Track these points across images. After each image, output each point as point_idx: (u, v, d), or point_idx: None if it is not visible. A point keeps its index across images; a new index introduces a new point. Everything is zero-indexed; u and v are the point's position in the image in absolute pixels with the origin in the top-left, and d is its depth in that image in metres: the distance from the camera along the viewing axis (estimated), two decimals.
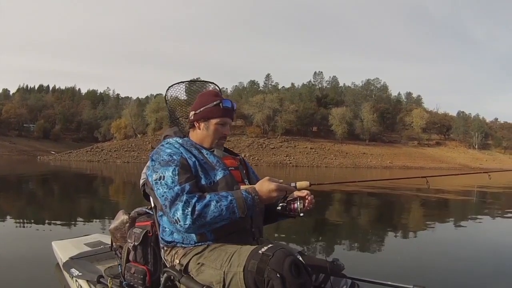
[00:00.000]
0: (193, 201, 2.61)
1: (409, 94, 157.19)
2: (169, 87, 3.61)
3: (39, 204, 14.72)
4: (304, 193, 2.96)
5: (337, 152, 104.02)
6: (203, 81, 3.51)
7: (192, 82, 3.62)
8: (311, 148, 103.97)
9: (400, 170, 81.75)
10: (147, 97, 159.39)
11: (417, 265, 7.00)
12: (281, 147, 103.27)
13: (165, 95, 3.60)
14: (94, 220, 11.13)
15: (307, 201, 2.96)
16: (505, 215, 14.35)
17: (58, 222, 10.43)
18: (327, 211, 14.30)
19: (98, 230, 8.45)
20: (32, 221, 10.47)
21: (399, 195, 21.32)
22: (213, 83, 3.49)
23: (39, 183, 26.54)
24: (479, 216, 13.81)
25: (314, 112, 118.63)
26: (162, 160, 2.86)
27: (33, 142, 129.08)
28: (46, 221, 10.50)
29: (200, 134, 3.15)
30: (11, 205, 13.99)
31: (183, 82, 3.62)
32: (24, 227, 9.65)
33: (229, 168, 3.03)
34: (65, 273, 4.61)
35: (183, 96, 3.67)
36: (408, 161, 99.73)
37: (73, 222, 10.52)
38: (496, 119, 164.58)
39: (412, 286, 2.85)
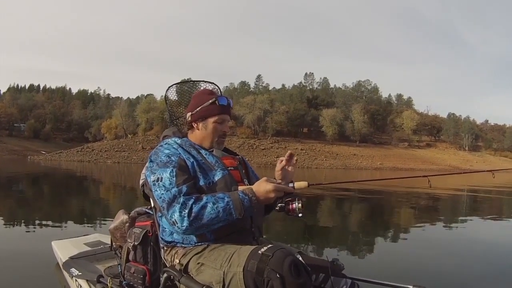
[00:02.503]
0: (190, 203, 2.60)
1: (399, 96, 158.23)
2: (169, 87, 3.59)
3: (36, 204, 14.72)
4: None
5: (328, 153, 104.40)
6: (203, 81, 3.48)
7: (191, 82, 3.59)
8: (301, 149, 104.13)
9: (390, 171, 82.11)
10: (137, 97, 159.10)
11: (417, 265, 7.03)
12: (271, 148, 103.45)
13: (165, 95, 3.58)
14: (93, 220, 11.09)
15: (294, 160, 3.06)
16: (502, 216, 14.49)
17: (57, 222, 10.44)
18: (324, 212, 14.38)
19: (97, 229, 8.45)
20: (31, 221, 10.45)
21: (394, 195, 21.44)
22: (212, 83, 3.45)
23: (33, 183, 26.51)
24: (477, 216, 13.94)
25: (305, 113, 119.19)
26: (160, 161, 2.86)
27: (24, 141, 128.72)
28: (45, 221, 10.50)
29: (199, 134, 3.13)
30: (9, 205, 13.96)
31: (183, 82, 3.60)
32: (23, 227, 9.64)
33: (228, 168, 3.01)
34: (65, 272, 4.61)
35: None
36: (399, 163, 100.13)
37: (72, 222, 10.50)
38: (487, 121, 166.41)
39: (412, 286, 2.84)
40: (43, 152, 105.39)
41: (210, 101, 3.07)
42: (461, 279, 6.22)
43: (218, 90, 3.42)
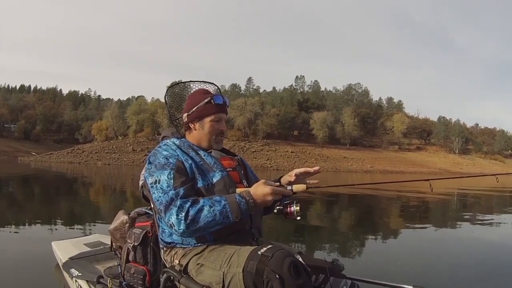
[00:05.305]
0: (187, 206, 2.61)
1: (390, 99, 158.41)
2: (169, 87, 3.58)
3: (35, 205, 14.78)
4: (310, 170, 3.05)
5: (318, 156, 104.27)
6: (203, 81, 3.45)
7: (190, 82, 3.57)
8: (292, 152, 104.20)
9: (381, 174, 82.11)
10: (128, 99, 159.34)
11: (417, 266, 7.07)
12: (262, 151, 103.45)
13: (165, 95, 3.57)
14: (93, 220, 11.07)
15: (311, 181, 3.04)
16: (500, 217, 14.71)
17: (57, 223, 10.51)
18: (321, 214, 14.45)
19: (97, 230, 8.44)
20: (30, 222, 10.47)
21: (389, 198, 21.53)
22: (212, 83, 3.44)
23: (27, 184, 26.58)
24: (475, 218, 14.06)
25: (295, 116, 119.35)
26: (158, 163, 2.86)
27: (14, 142, 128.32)
28: (45, 222, 10.49)
29: (196, 134, 3.13)
30: (6, 206, 13.95)
31: (183, 82, 3.59)
32: (22, 228, 9.64)
33: (227, 169, 3.01)
34: (65, 273, 4.61)
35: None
36: (389, 166, 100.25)
37: (72, 223, 10.61)
38: (477, 124, 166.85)
39: (412, 286, 2.85)
40: (34, 153, 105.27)
41: (206, 100, 3.08)
42: (460, 279, 6.26)
43: (218, 90, 3.42)
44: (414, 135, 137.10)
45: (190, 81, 3.45)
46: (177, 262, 2.85)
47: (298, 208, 2.82)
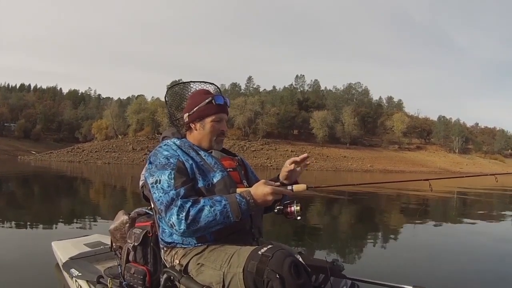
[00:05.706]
0: (187, 206, 2.61)
1: (390, 99, 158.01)
2: (170, 88, 3.57)
3: (35, 205, 14.78)
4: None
5: (318, 155, 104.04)
6: (203, 81, 3.45)
7: (190, 82, 3.56)
8: (291, 151, 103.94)
9: (381, 173, 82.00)
10: (128, 98, 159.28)
11: (417, 265, 7.08)
12: (262, 150, 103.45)
13: (165, 95, 3.56)
14: (93, 220, 11.06)
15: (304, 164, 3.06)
16: (500, 217, 14.79)
17: (57, 223, 10.52)
18: (321, 214, 14.43)
19: (97, 230, 8.44)
20: (31, 221, 10.44)
21: (388, 198, 21.57)
22: (212, 83, 3.42)
23: (27, 183, 26.53)
24: (476, 218, 14.01)
25: (295, 115, 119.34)
26: (159, 163, 2.85)
27: (14, 141, 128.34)
28: (45, 222, 10.50)
29: (197, 134, 3.12)
30: (6, 205, 13.95)
31: (183, 82, 3.58)
32: (22, 227, 9.63)
33: (227, 169, 3.00)
34: (65, 273, 4.59)
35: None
36: (389, 165, 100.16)
37: (72, 223, 10.61)
38: (477, 124, 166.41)
39: (412, 286, 2.84)
40: (33, 152, 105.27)
41: (207, 100, 3.07)
42: (461, 279, 6.28)
43: (218, 90, 3.41)
44: (414, 134, 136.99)
45: (190, 81, 3.44)
46: (178, 262, 2.84)
47: (298, 208, 2.79)
